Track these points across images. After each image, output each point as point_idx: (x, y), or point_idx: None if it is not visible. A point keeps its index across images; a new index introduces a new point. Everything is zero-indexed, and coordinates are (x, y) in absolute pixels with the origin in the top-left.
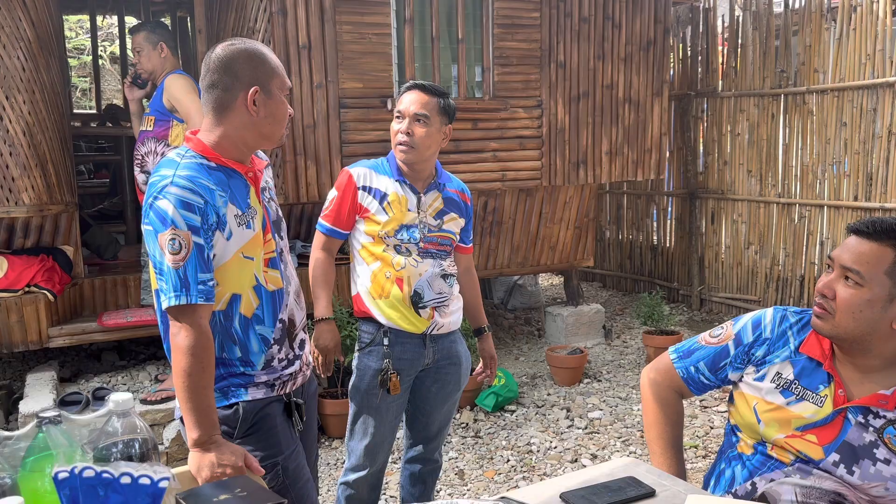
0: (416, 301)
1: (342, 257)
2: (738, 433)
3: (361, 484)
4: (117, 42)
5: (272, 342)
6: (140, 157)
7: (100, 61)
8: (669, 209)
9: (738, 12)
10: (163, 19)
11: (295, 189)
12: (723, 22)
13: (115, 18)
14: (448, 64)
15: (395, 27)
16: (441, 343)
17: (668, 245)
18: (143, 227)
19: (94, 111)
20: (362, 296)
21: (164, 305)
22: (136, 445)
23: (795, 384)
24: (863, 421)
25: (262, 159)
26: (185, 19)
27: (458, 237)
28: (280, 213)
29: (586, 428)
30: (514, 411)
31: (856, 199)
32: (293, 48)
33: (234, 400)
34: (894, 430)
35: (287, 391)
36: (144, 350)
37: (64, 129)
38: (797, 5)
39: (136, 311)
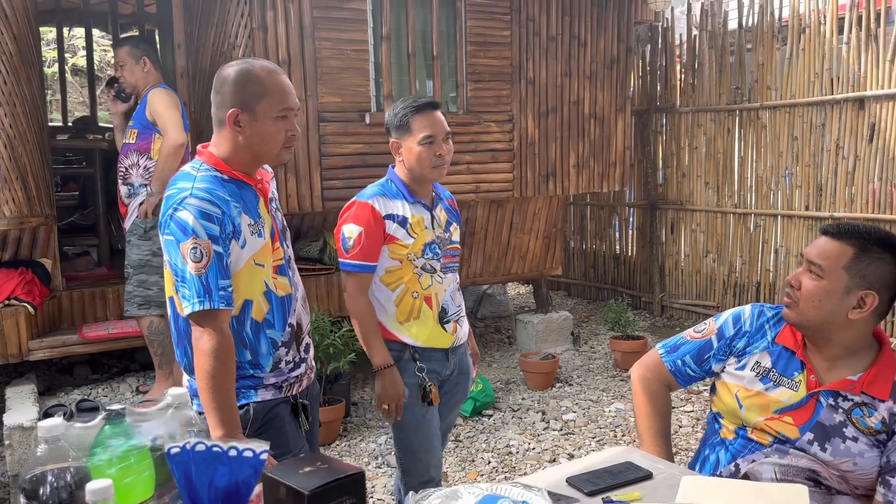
0: (443, 317)
1: (323, 268)
2: (721, 420)
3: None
4: (78, 54)
5: (280, 345)
6: (123, 170)
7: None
8: (631, 220)
9: (694, 31)
10: (131, 32)
11: None
12: (680, 40)
13: (76, 30)
14: (423, 80)
15: (372, 44)
16: (457, 354)
17: (630, 254)
18: (163, 238)
19: (59, 124)
20: (385, 323)
21: (187, 311)
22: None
23: (773, 372)
24: (833, 403)
25: (268, 171)
26: (153, 33)
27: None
28: (285, 222)
29: (561, 429)
30: (491, 415)
31: (807, 208)
32: (273, 63)
33: (244, 401)
34: (860, 412)
35: (294, 392)
36: (117, 364)
37: (43, 142)
38: (750, 24)
39: (117, 322)
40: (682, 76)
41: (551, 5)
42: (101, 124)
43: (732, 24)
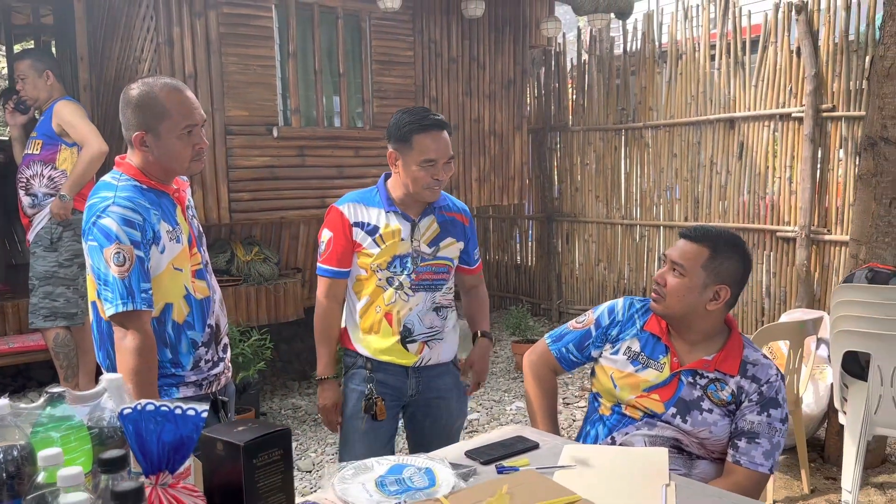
0: (405, 335)
1: (230, 279)
2: (600, 399)
3: None
4: None
5: (200, 345)
6: (25, 180)
7: None
8: (530, 232)
9: (584, 56)
10: (25, 44)
11: None
12: (571, 64)
13: None
14: (330, 96)
15: (279, 60)
16: (425, 374)
17: (529, 264)
18: (87, 244)
19: None
20: (350, 331)
21: (110, 313)
22: None
23: (641, 355)
24: (692, 381)
25: (184, 181)
26: (49, 44)
27: (455, 262)
28: (201, 228)
29: (466, 428)
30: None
31: (686, 219)
32: (179, 77)
33: (166, 399)
34: (714, 387)
35: (213, 390)
36: (12, 382)
37: None
38: (634, 49)
39: (18, 337)
40: (574, 97)
41: (452, 29)
42: None
43: (618, 50)
